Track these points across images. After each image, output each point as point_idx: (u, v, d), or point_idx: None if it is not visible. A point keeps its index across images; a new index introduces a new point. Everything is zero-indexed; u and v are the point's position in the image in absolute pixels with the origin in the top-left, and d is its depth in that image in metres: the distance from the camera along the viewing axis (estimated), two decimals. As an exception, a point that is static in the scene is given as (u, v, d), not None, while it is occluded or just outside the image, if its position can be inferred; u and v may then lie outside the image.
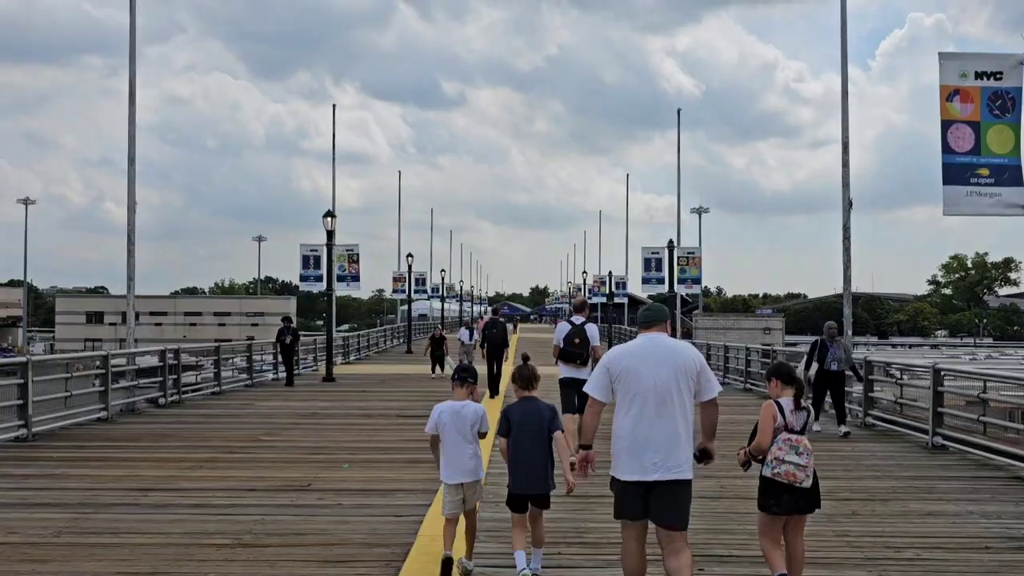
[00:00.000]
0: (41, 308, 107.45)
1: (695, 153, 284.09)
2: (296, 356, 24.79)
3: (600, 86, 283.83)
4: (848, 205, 17.23)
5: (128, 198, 17.12)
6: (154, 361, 18.23)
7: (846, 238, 17.24)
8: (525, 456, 5.96)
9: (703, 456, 5.27)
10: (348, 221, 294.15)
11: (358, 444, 12.76)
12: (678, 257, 26.74)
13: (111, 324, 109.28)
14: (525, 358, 7.94)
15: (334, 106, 38.37)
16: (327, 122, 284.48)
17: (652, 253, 27.51)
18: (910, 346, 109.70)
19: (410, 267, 43.35)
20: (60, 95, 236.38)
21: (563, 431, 6.08)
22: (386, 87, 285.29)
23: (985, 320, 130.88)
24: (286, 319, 24.71)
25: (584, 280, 61.11)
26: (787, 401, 5.66)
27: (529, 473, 5.96)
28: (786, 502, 5.52)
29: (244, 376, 23.34)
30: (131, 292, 17.12)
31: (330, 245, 25.76)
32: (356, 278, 27.77)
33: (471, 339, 23.68)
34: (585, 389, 5.30)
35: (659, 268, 27.06)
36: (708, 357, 24.26)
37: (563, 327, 11.14)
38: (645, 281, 27.22)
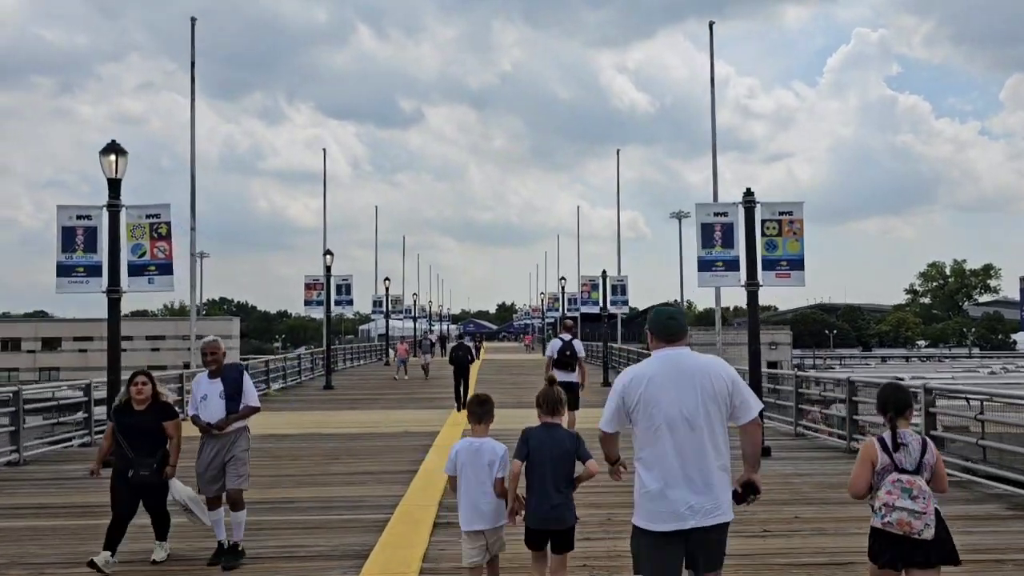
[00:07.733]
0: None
1: (652, 168, 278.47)
2: None
3: (555, 102, 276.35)
4: None
5: None
6: None
7: None
8: (542, 486, 5.21)
9: (747, 491, 4.41)
10: (310, 241, 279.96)
11: None
12: (762, 220, 14.52)
13: (29, 352, 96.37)
14: (551, 381, 5.76)
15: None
16: (282, 142, 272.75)
17: (715, 215, 15.04)
18: (907, 359, 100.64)
19: (328, 268, 30.96)
20: (8, 117, 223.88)
21: (594, 460, 5.24)
22: (341, 106, 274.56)
23: (973, 329, 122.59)
24: None
25: (562, 288, 49.40)
26: (891, 436, 4.74)
27: (547, 506, 5.19)
28: (903, 554, 4.59)
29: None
30: None
31: (114, 206, 13.39)
32: (166, 269, 14.00)
33: (222, 406, 7.34)
34: (599, 425, 4.56)
35: (728, 242, 14.86)
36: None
37: (555, 343, 13.89)
38: (703, 267, 14.86)
